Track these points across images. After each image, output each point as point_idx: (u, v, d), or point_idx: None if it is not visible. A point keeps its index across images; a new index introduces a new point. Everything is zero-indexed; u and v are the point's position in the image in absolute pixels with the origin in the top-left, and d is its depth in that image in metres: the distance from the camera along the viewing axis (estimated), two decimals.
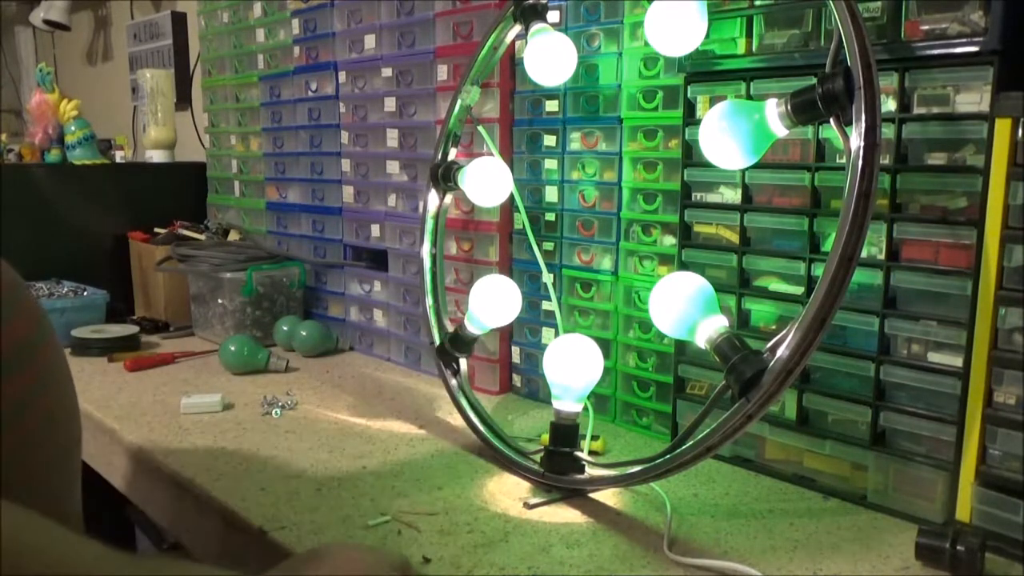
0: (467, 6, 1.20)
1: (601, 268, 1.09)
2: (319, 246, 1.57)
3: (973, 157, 0.74)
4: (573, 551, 0.75)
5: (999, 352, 0.71)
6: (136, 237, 1.83)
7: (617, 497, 0.86)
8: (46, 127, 1.99)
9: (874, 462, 0.82)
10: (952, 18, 0.74)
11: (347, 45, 1.44)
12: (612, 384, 1.08)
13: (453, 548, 0.75)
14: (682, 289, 0.78)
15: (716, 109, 0.78)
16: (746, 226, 0.91)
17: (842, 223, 0.65)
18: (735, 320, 0.92)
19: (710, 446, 0.70)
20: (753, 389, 0.68)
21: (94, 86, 3.11)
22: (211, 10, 1.82)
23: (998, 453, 0.72)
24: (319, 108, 1.52)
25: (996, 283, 0.71)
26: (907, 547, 0.72)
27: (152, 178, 2.00)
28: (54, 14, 2.80)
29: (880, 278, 0.80)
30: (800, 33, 0.85)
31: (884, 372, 0.80)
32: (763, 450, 0.92)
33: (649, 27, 0.86)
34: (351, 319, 1.50)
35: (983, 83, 0.72)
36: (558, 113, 1.12)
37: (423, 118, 1.29)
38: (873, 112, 0.65)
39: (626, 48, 1.03)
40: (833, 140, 0.83)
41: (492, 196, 1.10)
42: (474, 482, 0.90)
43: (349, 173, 1.46)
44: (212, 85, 1.87)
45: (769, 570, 0.71)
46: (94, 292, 1.63)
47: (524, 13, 1.02)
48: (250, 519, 0.80)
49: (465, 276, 1.25)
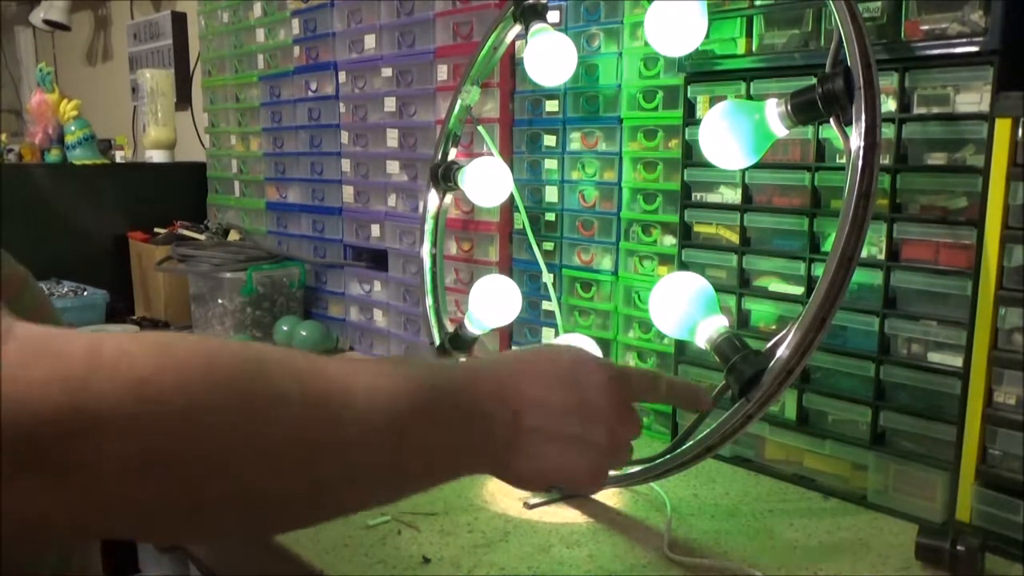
0: (467, 6, 1.20)
1: (601, 268, 1.09)
2: (319, 246, 1.57)
3: (973, 157, 0.74)
4: (573, 551, 0.75)
5: (999, 352, 0.71)
6: (136, 237, 1.83)
7: (617, 497, 0.86)
8: (46, 127, 1.99)
9: (874, 462, 0.82)
10: (952, 18, 0.74)
11: (347, 45, 1.44)
12: None
13: (453, 548, 0.75)
14: (682, 289, 0.78)
15: (716, 109, 0.78)
16: (746, 226, 0.91)
17: (842, 223, 0.65)
18: (735, 320, 0.91)
19: (710, 446, 0.70)
20: (753, 389, 0.68)
21: (94, 86, 3.11)
22: (211, 10, 1.82)
23: (998, 453, 0.72)
24: (319, 108, 1.52)
25: (996, 283, 0.71)
26: (907, 547, 0.72)
27: (152, 178, 2.00)
28: (54, 14, 2.80)
29: (880, 278, 0.80)
30: (800, 33, 0.85)
31: (884, 372, 0.80)
32: (763, 450, 0.92)
33: (649, 27, 0.86)
34: (351, 319, 1.50)
35: (983, 83, 0.72)
36: (558, 113, 1.12)
37: (423, 118, 1.29)
38: (873, 112, 0.65)
39: (626, 48, 1.03)
40: (833, 140, 0.83)
41: (492, 196, 1.10)
42: (474, 482, 0.90)
43: (349, 173, 1.46)
44: (212, 85, 1.87)
45: (769, 570, 0.71)
46: (94, 292, 1.63)
47: (524, 13, 1.02)
48: None
49: (465, 276, 1.25)
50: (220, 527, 0.39)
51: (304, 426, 0.38)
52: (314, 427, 0.38)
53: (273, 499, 0.38)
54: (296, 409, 0.37)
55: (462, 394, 0.46)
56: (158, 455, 0.33)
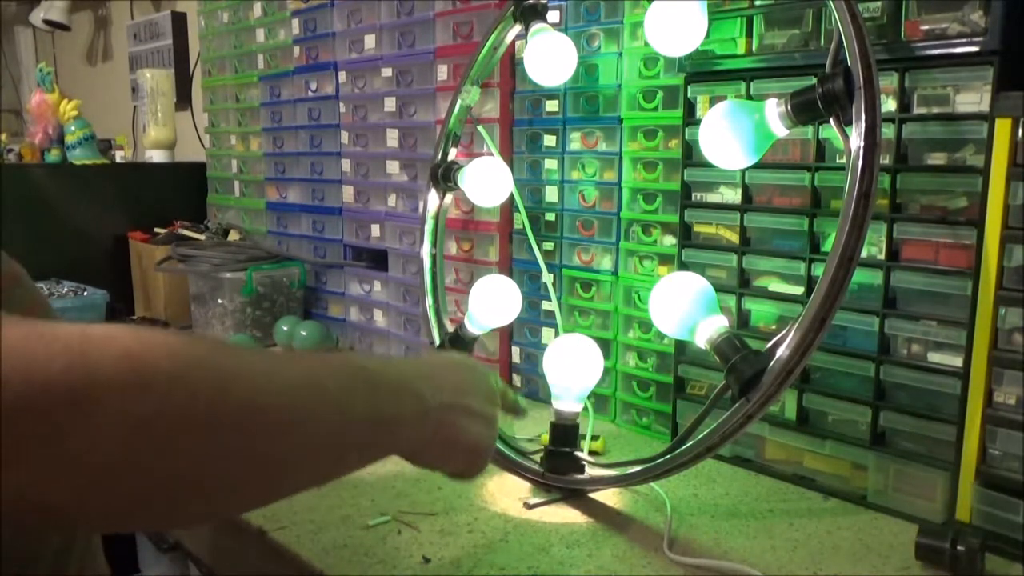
0: (467, 6, 1.20)
1: (601, 268, 1.09)
2: (319, 246, 1.57)
3: (973, 157, 0.74)
4: (573, 551, 0.75)
5: (999, 352, 0.71)
6: (136, 237, 1.83)
7: (617, 497, 0.86)
8: (46, 127, 1.99)
9: (874, 462, 0.82)
10: (952, 18, 0.74)
11: (347, 45, 1.44)
12: (612, 384, 1.08)
13: (453, 548, 0.75)
14: (682, 289, 0.78)
15: (716, 109, 0.78)
16: (746, 226, 0.91)
17: (842, 223, 0.65)
18: (735, 320, 0.91)
19: (710, 446, 0.70)
20: (753, 389, 0.68)
21: (94, 86, 3.11)
22: (211, 10, 1.82)
23: (998, 453, 0.72)
24: (319, 108, 1.52)
25: (996, 283, 0.71)
26: (907, 547, 0.72)
27: (152, 178, 2.00)
28: (54, 14, 2.80)
29: (880, 278, 0.80)
30: (800, 33, 0.85)
31: (884, 372, 0.80)
32: (763, 450, 0.92)
33: (649, 27, 0.86)
34: (351, 319, 1.50)
35: (983, 83, 0.72)
36: (558, 113, 1.12)
37: (423, 118, 1.29)
38: (873, 112, 0.65)
39: (626, 48, 1.03)
40: (833, 140, 0.83)
41: (492, 196, 1.10)
42: (474, 482, 0.90)
43: (349, 173, 1.46)
44: (212, 85, 1.87)
45: (769, 570, 0.71)
46: (94, 292, 1.63)
47: (524, 13, 1.02)
48: (250, 519, 0.80)
49: (465, 276, 1.25)
50: (201, 500, 0.40)
51: (274, 404, 0.41)
52: (279, 404, 0.41)
53: (242, 473, 0.40)
54: (261, 381, 0.41)
55: (392, 377, 0.53)
56: (155, 420, 0.35)
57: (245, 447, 0.39)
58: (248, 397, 0.39)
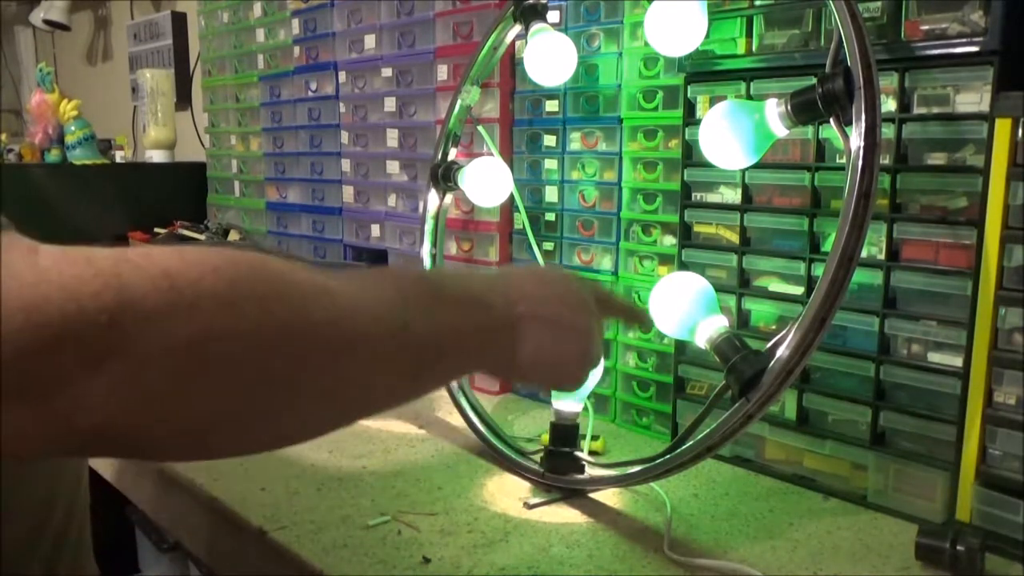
0: (467, 6, 1.20)
1: (601, 268, 1.09)
2: (319, 246, 1.57)
3: (973, 157, 0.74)
4: (573, 551, 0.75)
5: (999, 352, 0.71)
6: (136, 237, 1.83)
7: (617, 497, 0.86)
8: (46, 127, 1.99)
9: (874, 462, 0.82)
10: (952, 18, 0.74)
11: (347, 45, 1.44)
12: (612, 384, 1.08)
13: (453, 548, 0.75)
14: (682, 289, 0.78)
15: (716, 109, 0.78)
16: (746, 226, 0.91)
17: (842, 223, 0.65)
18: (735, 320, 0.91)
19: (710, 446, 0.70)
20: (753, 389, 0.68)
21: (94, 86, 3.11)
22: (211, 10, 1.82)
23: (998, 453, 0.72)
24: (319, 108, 1.52)
25: (996, 283, 0.71)
26: (907, 547, 0.72)
27: (152, 178, 2.00)
28: (54, 14, 2.80)
29: (880, 278, 0.80)
30: (800, 33, 0.85)
31: (884, 372, 0.80)
32: (763, 450, 0.92)
33: (649, 27, 0.86)
34: None
35: (983, 83, 0.72)
36: (558, 113, 1.12)
37: (423, 118, 1.29)
38: (873, 112, 0.65)
39: (626, 48, 1.03)
40: (833, 140, 0.83)
41: (492, 196, 1.10)
42: (474, 482, 0.90)
43: (349, 173, 1.46)
44: (212, 85, 1.87)
45: (769, 570, 0.71)
46: None
47: (524, 13, 1.02)
48: (250, 519, 0.80)
49: None
50: (246, 424, 0.39)
51: (326, 319, 0.39)
52: (334, 320, 0.39)
53: (307, 392, 0.39)
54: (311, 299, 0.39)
55: (461, 288, 0.51)
56: (201, 341, 0.33)
57: (296, 369, 0.38)
58: (299, 316, 0.37)
